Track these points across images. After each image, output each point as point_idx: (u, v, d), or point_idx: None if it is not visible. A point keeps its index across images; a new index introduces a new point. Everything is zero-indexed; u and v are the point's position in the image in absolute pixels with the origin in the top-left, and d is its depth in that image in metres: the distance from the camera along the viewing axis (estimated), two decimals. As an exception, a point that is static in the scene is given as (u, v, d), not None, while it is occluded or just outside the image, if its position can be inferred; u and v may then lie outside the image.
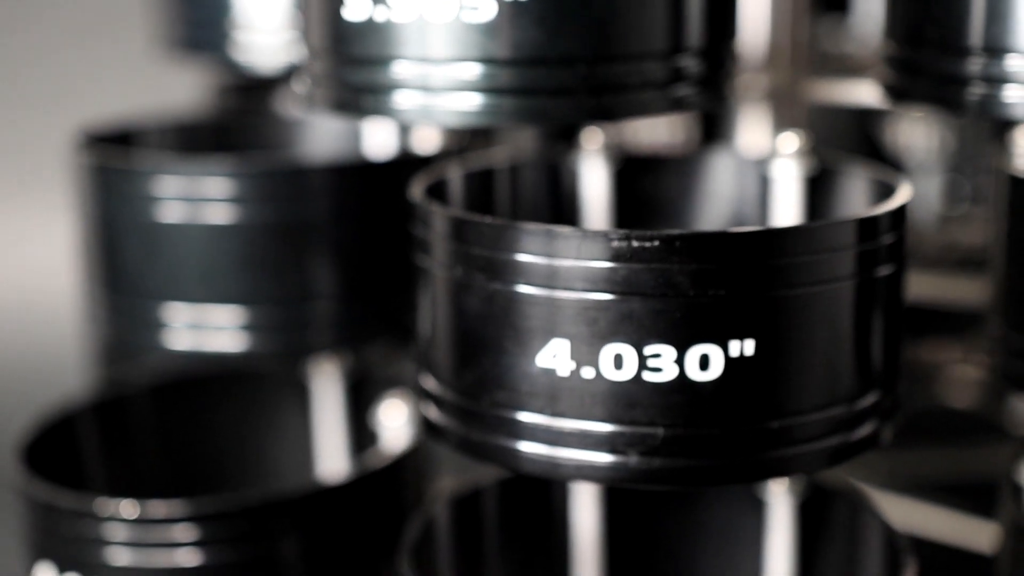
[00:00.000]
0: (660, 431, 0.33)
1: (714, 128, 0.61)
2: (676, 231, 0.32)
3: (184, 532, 0.43)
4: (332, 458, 0.54)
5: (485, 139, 0.58)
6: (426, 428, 0.38)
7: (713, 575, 0.44)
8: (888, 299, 0.35)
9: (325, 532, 0.45)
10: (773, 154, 0.41)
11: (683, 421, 0.33)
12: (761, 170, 0.42)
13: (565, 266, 0.33)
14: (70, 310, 0.69)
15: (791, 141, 0.41)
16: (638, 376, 0.33)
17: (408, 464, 0.47)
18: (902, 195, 0.36)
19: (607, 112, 0.36)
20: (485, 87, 0.36)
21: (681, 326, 0.32)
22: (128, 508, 0.43)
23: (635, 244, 0.32)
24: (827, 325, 0.34)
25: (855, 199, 0.40)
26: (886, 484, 0.52)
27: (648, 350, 0.33)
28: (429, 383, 0.37)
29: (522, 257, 0.33)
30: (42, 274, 0.89)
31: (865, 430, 0.35)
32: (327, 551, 0.45)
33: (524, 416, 0.34)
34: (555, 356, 0.33)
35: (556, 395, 0.33)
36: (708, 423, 0.33)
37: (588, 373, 0.33)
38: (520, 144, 0.59)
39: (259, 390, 0.56)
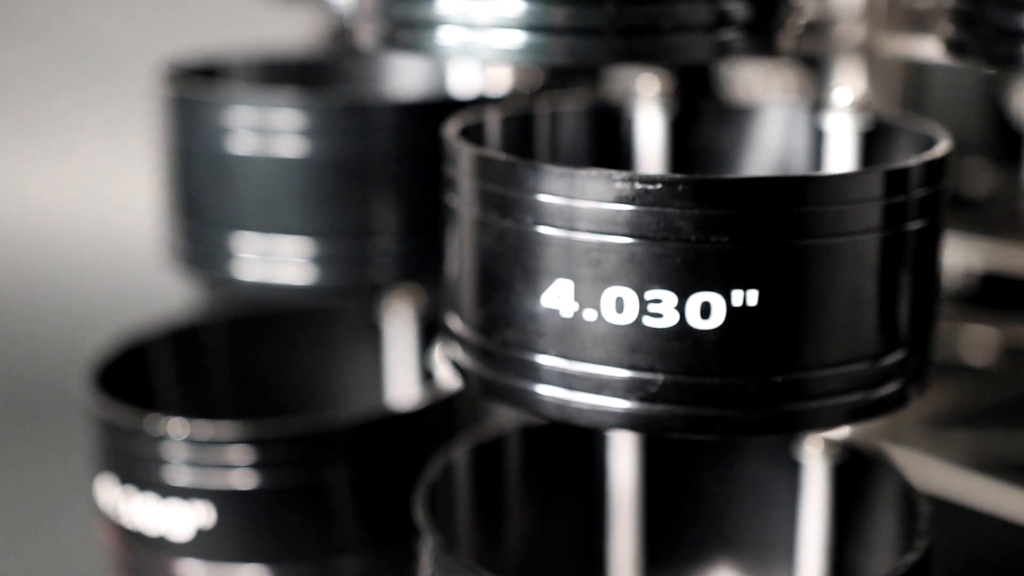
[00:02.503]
0: (660, 377, 0.33)
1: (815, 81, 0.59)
2: (679, 175, 0.32)
3: (238, 454, 0.44)
4: (400, 397, 0.55)
5: (584, 79, 0.58)
6: (452, 369, 0.38)
7: (746, 533, 0.44)
8: (919, 255, 0.34)
9: (374, 463, 0.45)
10: (828, 107, 0.40)
11: (683, 368, 0.33)
12: (816, 123, 0.41)
13: (570, 206, 0.33)
14: (153, 239, 0.71)
15: (846, 95, 0.40)
16: (639, 321, 0.33)
17: (456, 403, 0.47)
18: (938, 150, 0.35)
19: (637, 54, 0.36)
20: (522, 24, 0.36)
21: (682, 272, 0.32)
22: (178, 427, 0.44)
23: (638, 186, 0.32)
24: (841, 279, 0.33)
25: (907, 155, 0.39)
26: (977, 463, 0.50)
27: (649, 295, 0.32)
28: (455, 324, 0.37)
29: (530, 195, 0.33)
30: (131, 206, 0.92)
31: (888, 389, 0.34)
32: (376, 482, 0.46)
33: (529, 356, 0.34)
34: (559, 297, 0.33)
35: (559, 336, 0.34)
36: (708, 372, 0.33)
37: (590, 315, 0.33)
38: (614, 87, 0.58)
39: (332, 328, 0.57)
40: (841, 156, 0.40)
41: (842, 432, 0.42)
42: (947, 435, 0.53)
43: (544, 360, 0.34)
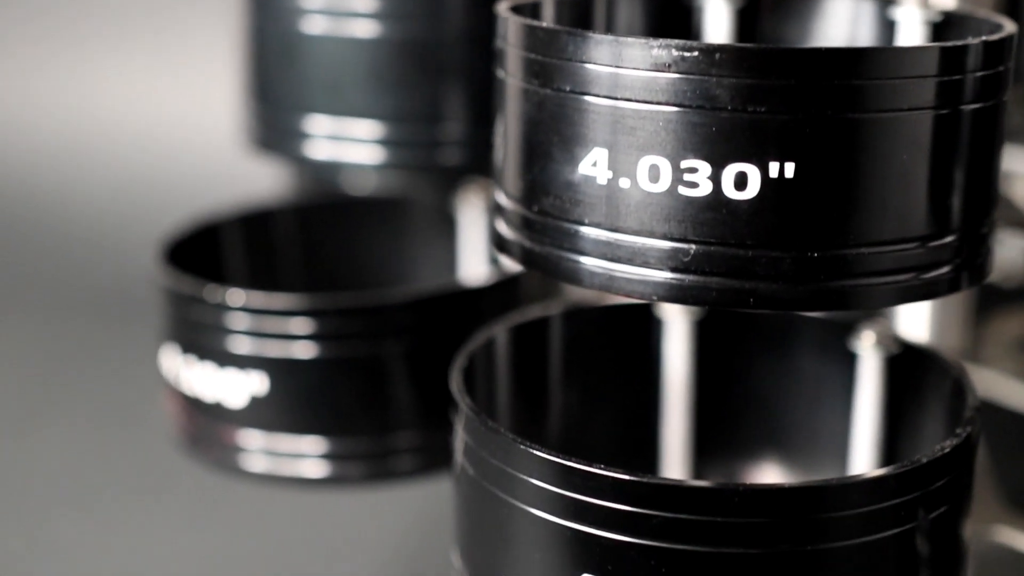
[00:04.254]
0: (692, 247, 0.32)
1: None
2: (717, 43, 0.31)
3: (295, 325, 0.45)
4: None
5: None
6: (496, 242, 0.38)
7: (797, 426, 0.43)
8: (975, 138, 0.33)
9: (432, 339, 0.46)
10: (898, -1, 0.39)
11: (716, 239, 0.32)
12: (885, 14, 0.40)
13: (608, 73, 0.32)
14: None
15: (916, -16, 0.39)
16: (673, 190, 0.32)
17: (518, 284, 0.47)
18: (1001, 32, 0.34)
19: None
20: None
21: (718, 141, 0.31)
22: (237, 295, 0.45)
23: (676, 53, 0.31)
24: (884, 156, 0.32)
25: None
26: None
27: (684, 164, 0.32)
28: (500, 197, 0.37)
29: (569, 62, 0.33)
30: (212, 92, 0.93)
31: (937, 273, 0.34)
32: (433, 359, 0.46)
33: (566, 224, 0.34)
34: (595, 165, 0.33)
35: (595, 205, 0.33)
36: (742, 244, 0.32)
37: (625, 184, 0.33)
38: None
39: (404, 218, 0.57)
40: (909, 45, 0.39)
41: (897, 326, 0.41)
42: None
43: (579, 228, 0.34)
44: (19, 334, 0.83)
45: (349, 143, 0.48)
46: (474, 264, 0.55)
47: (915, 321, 0.47)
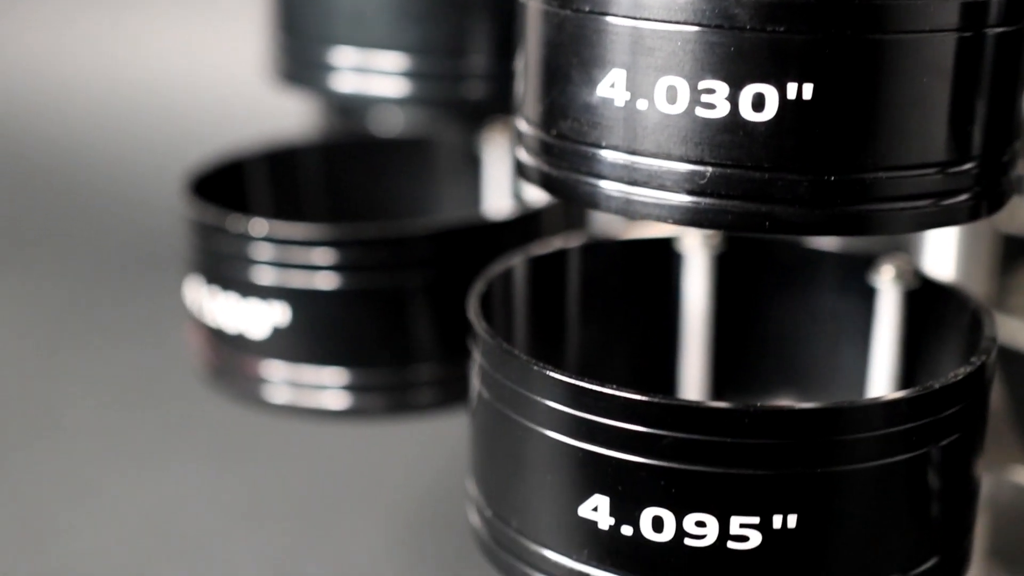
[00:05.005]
0: (709, 170, 0.32)
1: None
2: (736, -40, 0.31)
3: (317, 255, 0.45)
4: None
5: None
6: (517, 168, 0.38)
7: (816, 361, 0.43)
8: (999, 64, 0.33)
9: (453, 272, 0.46)
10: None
11: (732, 161, 0.32)
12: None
13: (627, -7, 0.32)
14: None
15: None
16: (690, 111, 0.32)
17: (540, 219, 0.47)
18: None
19: None
20: None
21: (736, 62, 0.31)
22: (260, 225, 0.45)
23: (694, -30, 0.31)
24: (906, 78, 0.32)
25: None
26: None
27: (702, 85, 0.32)
28: (521, 124, 0.37)
29: (587, -18, 0.33)
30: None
31: (956, 200, 0.33)
32: (453, 292, 0.46)
33: (583, 147, 0.34)
34: (613, 86, 0.33)
35: (612, 127, 0.33)
36: (758, 166, 0.32)
37: (642, 105, 0.33)
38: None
39: (430, 157, 0.57)
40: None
41: (916, 261, 0.41)
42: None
43: (597, 151, 0.34)
44: (48, 268, 0.84)
45: (374, 75, 0.48)
46: (498, 203, 0.55)
47: (939, 269, 0.47)
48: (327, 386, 0.47)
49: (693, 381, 0.44)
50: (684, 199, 0.33)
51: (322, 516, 0.56)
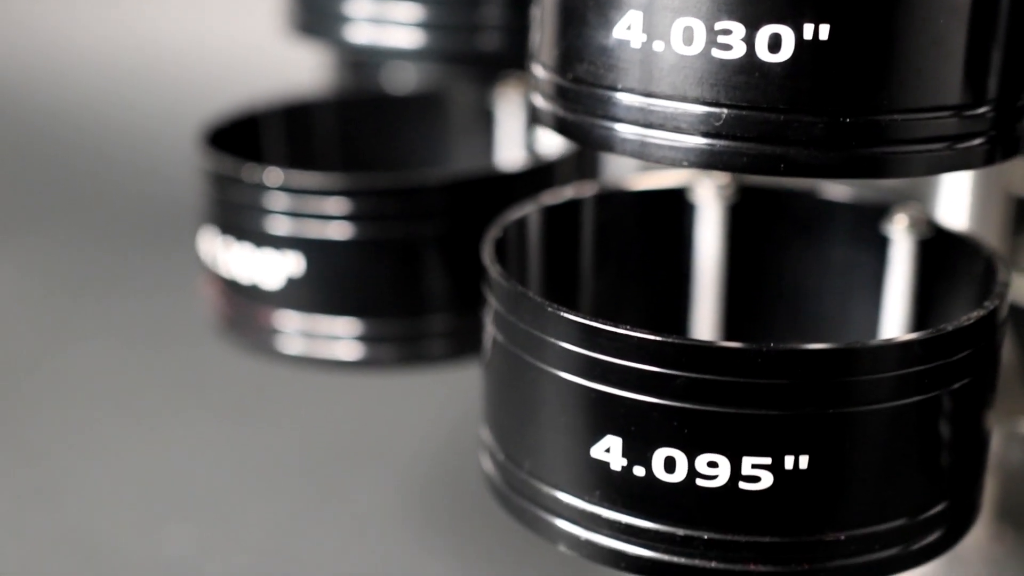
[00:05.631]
0: (724, 112, 0.32)
1: None
2: None
3: (331, 205, 0.45)
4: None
5: None
6: (532, 115, 0.38)
7: (829, 312, 0.43)
8: (1017, 5, 0.33)
9: (466, 223, 0.46)
10: None
11: (748, 103, 0.32)
12: None
13: (643, -68, 0.32)
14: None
15: None
16: (706, 52, 0.32)
17: (552, 171, 0.47)
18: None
19: None
20: None
21: (753, 2, 0.31)
22: (275, 175, 0.45)
23: (712, -90, 0.31)
24: (922, 20, 0.32)
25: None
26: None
27: (718, 26, 0.32)
28: (537, 69, 0.38)
29: (604, -75, 0.33)
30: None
31: (971, 144, 0.33)
32: (466, 242, 0.46)
33: (599, 90, 0.34)
34: (629, 28, 0.33)
35: (628, 69, 0.33)
36: (774, 108, 0.32)
37: (659, 47, 0.33)
38: None
39: (443, 112, 0.57)
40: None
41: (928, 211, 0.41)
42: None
43: (612, 94, 0.34)
44: (62, 224, 0.84)
45: (389, 26, 0.48)
46: (510, 158, 0.56)
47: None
48: (340, 337, 0.47)
49: (705, 330, 0.44)
50: (699, 141, 0.33)
51: (334, 466, 0.56)
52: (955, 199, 0.44)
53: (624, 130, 0.34)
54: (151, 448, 0.58)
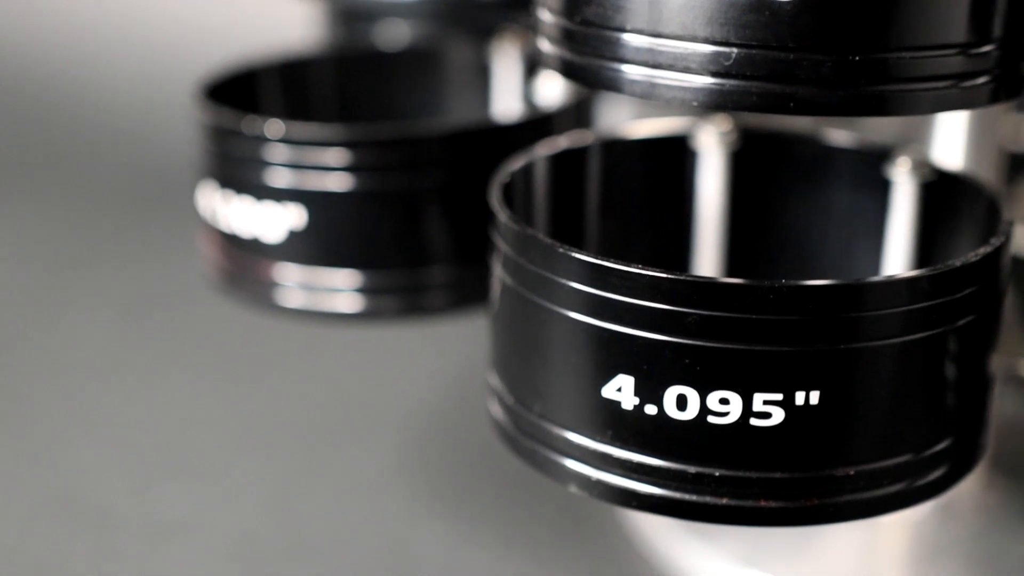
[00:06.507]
0: (734, 51, 0.32)
1: None
2: None
3: (332, 156, 0.45)
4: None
5: None
6: (537, 60, 0.38)
7: (831, 257, 0.44)
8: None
9: (467, 174, 0.46)
10: None
11: (757, 42, 0.32)
12: None
13: None
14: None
15: None
16: (716, -7, 0.32)
17: (552, 122, 0.47)
18: None
19: None
20: None
21: (761, -60, 0.31)
22: (276, 127, 0.45)
23: None
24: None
25: None
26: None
27: (727, -36, 0.32)
28: (542, 13, 0.38)
29: None
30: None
31: (976, 82, 0.34)
32: (467, 194, 0.46)
33: (607, 32, 0.34)
34: (638, -32, 0.33)
35: (636, 10, 0.33)
36: (783, 46, 0.32)
37: (668, -14, 0.33)
38: None
39: (440, 68, 0.57)
40: None
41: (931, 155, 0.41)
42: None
43: (621, 36, 0.34)
44: (56, 185, 0.83)
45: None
46: (508, 112, 0.56)
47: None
48: (341, 289, 0.47)
49: (708, 274, 0.44)
50: (709, 81, 0.33)
51: (335, 420, 0.56)
52: (948, 152, 0.45)
53: (633, 71, 0.34)
54: (149, 407, 0.58)
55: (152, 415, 0.57)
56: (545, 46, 0.37)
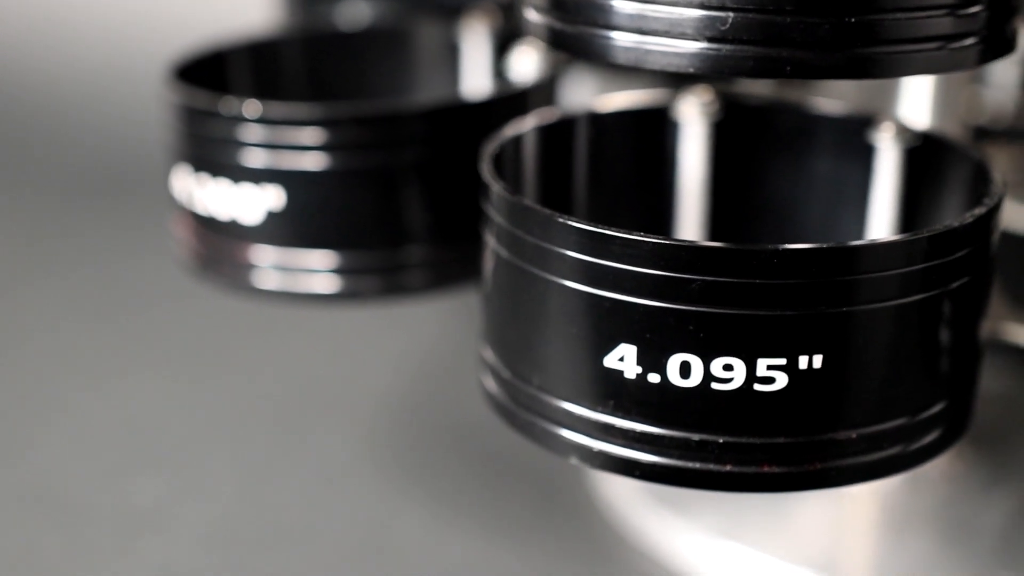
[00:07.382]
0: (730, 15, 0.32)
1: None
2: None
3: (309, 135, 0.45)
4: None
5: None
6: (526, 29, 0.38)
7: (816, 224, 0.44)
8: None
9: (444, 151, 0.46)
10: None
11: (754, 5, 0.32)
12: None
13: None
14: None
15: None
16: (711, -44, 0.32)
17: (527, 98, 0.47)
18: None
19: None
20: None
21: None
22: (252, 107, 0.45)
23: None
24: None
25: None
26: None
27: (723, -72, 0.32)
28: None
29: None
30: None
31: (964, 43, 0.34)
32: (445, 171, 0.46)
33: (597, 0, 0.34)
34: (631, -65, 0.33)
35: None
36: (780, 10, 0.32)
37: (663, -48, 0.33)
38: None
39: (409, 47, 0.57)
40: None
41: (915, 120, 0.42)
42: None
43: (611, 3, 0.34)
44: (30, 165, 0.82)
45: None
46: (478, 90, 0.55)
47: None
48: (319, 270, 0.46)
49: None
50: (704, 46, 0.33)
51: (314, 402, 0.56)
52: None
53: (624, 39, 0.34)
54: (123, 395, 0.57)
55: (126, 402, 0.56)
56: (532, 15, 0.37)
